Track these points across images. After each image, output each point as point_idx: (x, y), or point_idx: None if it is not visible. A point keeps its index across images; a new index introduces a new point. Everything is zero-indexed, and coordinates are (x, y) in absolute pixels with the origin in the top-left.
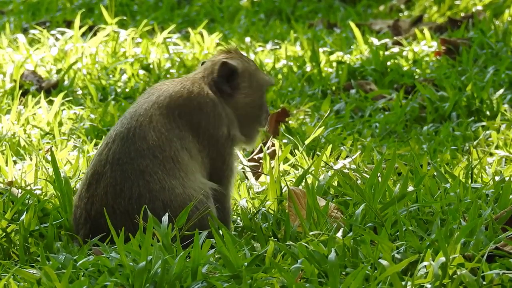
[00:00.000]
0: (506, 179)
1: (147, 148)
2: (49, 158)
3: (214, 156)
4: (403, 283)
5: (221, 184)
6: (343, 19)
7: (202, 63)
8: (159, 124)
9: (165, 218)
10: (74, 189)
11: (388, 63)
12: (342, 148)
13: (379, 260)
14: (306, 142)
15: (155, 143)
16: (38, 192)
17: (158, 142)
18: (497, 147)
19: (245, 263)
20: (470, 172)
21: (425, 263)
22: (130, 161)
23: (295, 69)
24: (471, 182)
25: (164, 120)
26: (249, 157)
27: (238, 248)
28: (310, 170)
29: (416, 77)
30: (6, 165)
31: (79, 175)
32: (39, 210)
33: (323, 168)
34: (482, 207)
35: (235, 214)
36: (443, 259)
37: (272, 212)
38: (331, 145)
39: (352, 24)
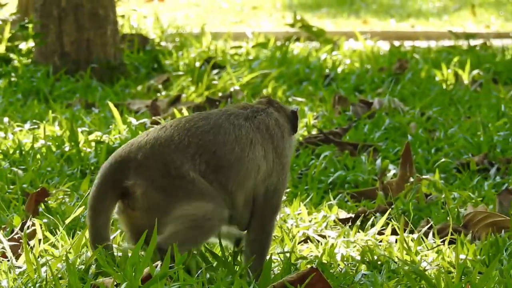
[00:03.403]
0: (267, 258)
1: None
2: None
3: None
4: None
5: None
6: (101, 99)
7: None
8: None
9: None
10: None
11: None
12: None
13: None
14: (67, 221)
15: None
16: None
17: None
18: None
19: None
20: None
21: None
22: None
23: (54, 148)
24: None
25: None
26: (9, 237)
27: None
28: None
29: None
30: None
31: None
32: None
33: (86, 247)
34: (243, 286)
35: None
36: None
37: None
38: None
39: (110, 104)
